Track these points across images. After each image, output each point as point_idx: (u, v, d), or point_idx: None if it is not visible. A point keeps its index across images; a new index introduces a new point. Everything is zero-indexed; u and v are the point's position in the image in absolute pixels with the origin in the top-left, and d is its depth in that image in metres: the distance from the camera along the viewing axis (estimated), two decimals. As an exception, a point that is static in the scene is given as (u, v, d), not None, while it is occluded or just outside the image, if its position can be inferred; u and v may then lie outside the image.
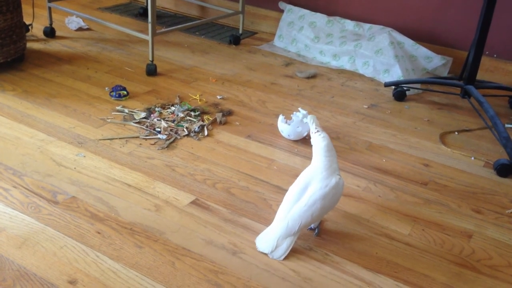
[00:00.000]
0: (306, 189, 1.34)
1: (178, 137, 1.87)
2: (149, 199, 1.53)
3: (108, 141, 1.81)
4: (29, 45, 2.57)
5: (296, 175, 1.67)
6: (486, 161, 1.86)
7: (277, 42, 2.86)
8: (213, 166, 1.71)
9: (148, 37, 2.34)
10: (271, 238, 1.34)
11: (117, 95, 2.10)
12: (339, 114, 2.14)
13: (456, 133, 2.06)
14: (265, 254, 1.34)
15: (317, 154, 1.36)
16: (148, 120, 1.95)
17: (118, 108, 2.03)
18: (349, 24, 2.70)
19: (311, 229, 1.44)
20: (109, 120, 1.94)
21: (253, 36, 2.99)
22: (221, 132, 1.93)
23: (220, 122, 1.98)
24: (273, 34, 2.95)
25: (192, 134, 1.89)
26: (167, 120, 1.95)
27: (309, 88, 2.37)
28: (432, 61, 2.54)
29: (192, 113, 2.02)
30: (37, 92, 2.11)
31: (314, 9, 2.85)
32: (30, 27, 2.73)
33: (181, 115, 1.99)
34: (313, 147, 1.38)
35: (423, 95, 2.37)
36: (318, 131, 1.37)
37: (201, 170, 1.68)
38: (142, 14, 3.15)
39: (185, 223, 1.44)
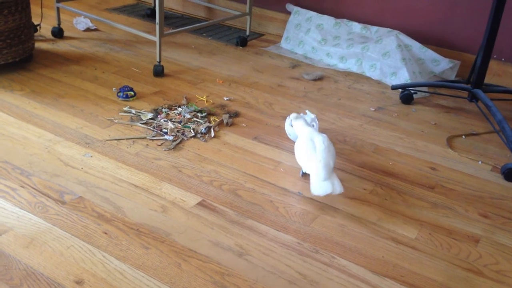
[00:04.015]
0: (313, 142, 1.61)
1: (185, 138, 1.87)
2: (155, 200, 1.53)
3: (115, 141, 1.82)
4: (37, 45, 2.58)
5: (302, 177, 1.68)
6: (493, 165, 1.85)
7: (284, 44, 2.86)
8: (220, 168, 1.71)
9: (156, 38, 2.34)
10: (324, 183, 1.51)
11: (124, 96, 2.10)
12: (346, 116, 2.14)
13: (464, 136, 2.05)
14: (329, 194, 1.51)
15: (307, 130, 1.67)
16: (155, 121, 1.95)
17: (125, 108, 2.03)
18: (357, 27, 2.70)
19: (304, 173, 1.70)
20: (116, 121, 1.95)
21: (260, 38, 3.00)
22: (227, 134, 1.93)
23: (227, 124, 1.99)
24: (280, 36, 2.95)
25: (198, 135, 1.89)
26: (174, 121, 1.95)
27: (316, 90, 2.37)
28: (439, 64, 2.53)
29: (199, 114, 2.02)
30: (45, 92, 2.12)
31: (321, 11, 2.85)
32: (38, 27, 2.74)
33: (188, 116, 1.99)
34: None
35: (430, 99, 2.37)
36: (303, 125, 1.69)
37: (208, 172, 1.69)
38: (149, 15, 3.16)
39: (191, 224, 1.44)
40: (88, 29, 2.89)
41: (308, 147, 1.59)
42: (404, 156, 1.88)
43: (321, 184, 1.51)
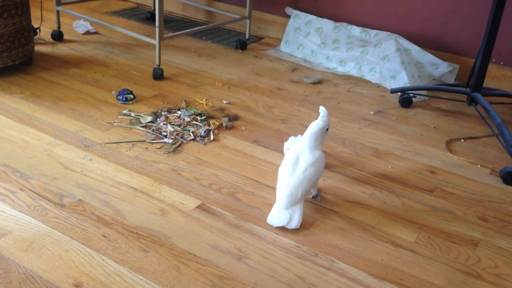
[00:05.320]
0: (297, 163, 1.49)
1: (184, 142, 1.87)
2: (155, 203, 1.53)
3: (115, 144, 1.82)
4: (37, 48, 2.59)
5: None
6: (492, 169, 1.85)
7: (283, 47, 2.87)
8: (219, 171, 1.71)
9: (155, 41, 2.35)
10: (282, 212, 1.44)
11: (124, 99, 2.10)
12: (345, 120, 2.14)
13: (463, 140, 2.05)
14: (282, 226, 1.44)
15: (305, 137, 1.53)
16: (155, 124, 1.95)
17: (125, 111, 2.04)
18: (356, 30, 2.70)
19: (314, 197, 1.60)
20: (115, 124, 1.95)
21: (260, 41, 3.00)
22: (227, 137, 1.93)
23: (226, 127, 1.99)
24: (280, 40, 2.96)
25: (198, 139, 1.89)
26: (173, 124, 1.96)
27: (315, 93, 2.37)
28: (438, 68, 2.54)
29: (198, 118, 2.02)
30: (45, 95, 2.13)
31: (321, 15, 2.85)
32: (38, 31, 2.74)
33: (187, 119, 1.99)
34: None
35: (429, 102, 2.37)
36: (320, 119, 1.53)
37: (207, 175, 1.69)
38: (149, 18, 3.16)
39: (190, 227, 1.44)
40: (87, 32, 2.89)
41: (288, 164, 1.49)
42: (403, 159, 1.88)
43: (278, 213, 1.44)
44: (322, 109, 1.55)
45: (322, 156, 1.53)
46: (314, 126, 1.52)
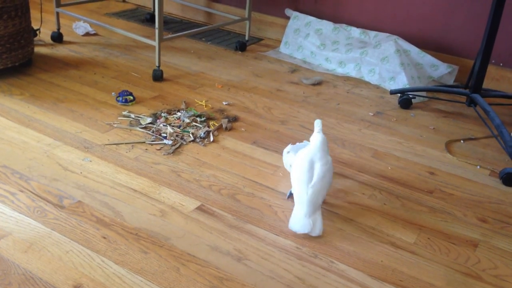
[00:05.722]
0: (312, 168, 1.48)
1: (184, 143, 1.87)
2: (154, 204, 1.53)
3: (114, 146, 1.82)
4: (37, 49, 2.59)
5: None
6: (492, 170, 1.86)
7: (283, 48, 2.87)
8: (219, 172, 1.71)
9: (155, 43, 2.35)
10: (305, 219, 1.43)
11: (123, 100, 2.11)
12: (345, 121, 2.14)
13: (462, 141, 2.06)
14: (307, 233, 1.43)
15: (316, 145, 1.51)
16: (154, 126, 1.95)
17: (125, 113, 2.04)
18: (355, 32, 2.71)
19: None
20: (115, 125, 1.95)
21: (259, 42, 3.00)
22: (226, 138, 1.93)
23: (226, 128, 1.99)
24: (279, 41, 2.96)
25: (197, 140, 1.89)
26: (173, 126, 1.96)
27: (315, 95, 2.37)
28: (438, 69, 2.54)
29: (198, 119, 2.02)
30: (44, 97, 2.13)
31: (320, 16, 2.86)
32: (37, 32, 2.74)
33: (187, 120, 2.00)
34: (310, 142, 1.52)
35: (428, 103, 2.37)
36: (319, 131, 1.52)
37: (207, 176, 1.69)
38: (148, 19, 3.16)
39: (190, 229, 1.44)
40: (87, 34, 2.89)
41: (304, 171, 1.47)
42: (403, 160, 1.88)
43: (302, 221, 1.43)
44: (317, 122, 1.55)
45: (331, 162, 1.53)
46: (319, 136, 1.50)
